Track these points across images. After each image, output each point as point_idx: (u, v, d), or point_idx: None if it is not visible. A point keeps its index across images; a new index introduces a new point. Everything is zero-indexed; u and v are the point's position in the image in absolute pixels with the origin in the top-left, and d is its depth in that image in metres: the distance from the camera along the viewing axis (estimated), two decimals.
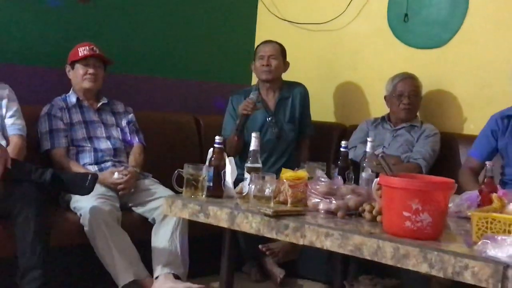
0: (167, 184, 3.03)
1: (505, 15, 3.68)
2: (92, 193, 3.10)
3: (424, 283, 3.13)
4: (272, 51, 3.92)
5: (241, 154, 3.70)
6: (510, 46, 3.38)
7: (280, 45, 3.99)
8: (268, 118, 3.91)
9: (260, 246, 3.57)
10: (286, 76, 4.06)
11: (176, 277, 3.12)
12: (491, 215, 2.00)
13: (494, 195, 2.15)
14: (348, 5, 4.23)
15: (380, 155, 2.36)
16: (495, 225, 1.97)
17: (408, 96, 3.70)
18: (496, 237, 1.86)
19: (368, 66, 4.23)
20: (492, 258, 1.80)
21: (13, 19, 3.60)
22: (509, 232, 1.89)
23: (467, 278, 1.81)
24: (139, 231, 3.24)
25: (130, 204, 3.35)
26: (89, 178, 2.98)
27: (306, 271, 3.76)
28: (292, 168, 2.67)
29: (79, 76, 3.47)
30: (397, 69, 3.85)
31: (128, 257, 3.08)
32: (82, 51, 3.46)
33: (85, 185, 2.97)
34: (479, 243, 1.88)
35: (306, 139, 4.00)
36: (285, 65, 3.99)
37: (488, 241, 1.84)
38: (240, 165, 2.91)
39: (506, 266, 1.75)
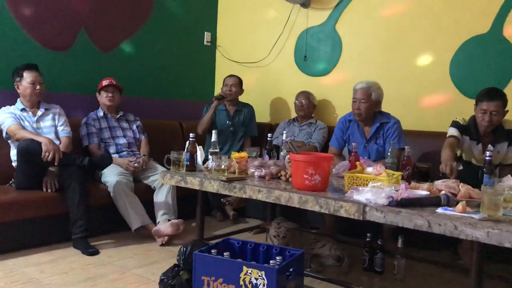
0: (162, 164, 2.96)
1: (363, 56, 3.72)
2: (114, 172, 3.05)
3: (322, 219, 3.17)
4: (233, 82, 3.84)
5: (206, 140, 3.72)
6: (364, 75, 3.41)
7: (239, 78, 3.89)
8: (228, 121, 3.84)
9: (222, 199, 3.54)
10: None
11: (169, 221, 3.05)
12: (355, 175, 2.03)
13: (358, 163, 2.18)
14: (271, 51, 4.20)
15: (289, 141, 2.36)
16: (358, 181, 2.01)
17: (301, 105, 3.70)
18: (358, 188, 1.89)
19: (284, 87, 4.20)
20: (356, 201, 1.83)
21: (71, 65, 3.52)
22: (366, 185, 1.92)
23: (342, 213, 1.84)
24: (145, 194, 3.16)
25: (139, 177, 3.26)
26: (106, 155, 2.98)
27: (250, 213, 3.75)
28: (238, 152, 2.64)
29: (103, 98, 3.37)
30: (300, 89, 3.83)
31: (138, 211, 3.02)
32: (105, 82, 3.37)
33: (106, 160, 2.94)
34: (349, 192, 1.91)
35: (248, 137, 3.92)
36: (241, 90, 3.92)
37: (354, 190, 1.88)
38: (206, 151, 2.87)
39: (365, 205, 1.79)
